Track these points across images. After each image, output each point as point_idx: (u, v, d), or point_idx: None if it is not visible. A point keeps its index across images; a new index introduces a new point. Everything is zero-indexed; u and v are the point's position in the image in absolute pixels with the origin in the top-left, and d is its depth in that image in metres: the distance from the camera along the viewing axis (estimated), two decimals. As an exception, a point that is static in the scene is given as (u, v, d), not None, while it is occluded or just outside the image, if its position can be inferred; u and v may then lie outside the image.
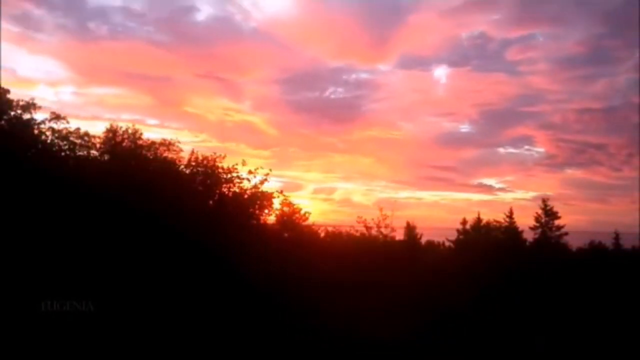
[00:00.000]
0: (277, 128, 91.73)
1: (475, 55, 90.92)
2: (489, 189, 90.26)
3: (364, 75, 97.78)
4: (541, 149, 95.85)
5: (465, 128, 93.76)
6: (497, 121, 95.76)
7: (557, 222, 35.37)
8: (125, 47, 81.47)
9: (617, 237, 36.90)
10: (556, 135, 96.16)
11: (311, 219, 30.61)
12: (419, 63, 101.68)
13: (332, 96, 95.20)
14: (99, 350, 15.17)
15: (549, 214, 35.60)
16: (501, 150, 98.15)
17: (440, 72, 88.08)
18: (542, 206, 35.81)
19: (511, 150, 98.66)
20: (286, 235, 29.47)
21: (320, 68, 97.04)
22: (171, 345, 16.27)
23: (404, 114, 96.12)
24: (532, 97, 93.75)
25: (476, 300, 22.36)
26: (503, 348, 19.26)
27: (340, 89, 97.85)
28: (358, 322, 18.98)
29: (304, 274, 22.78)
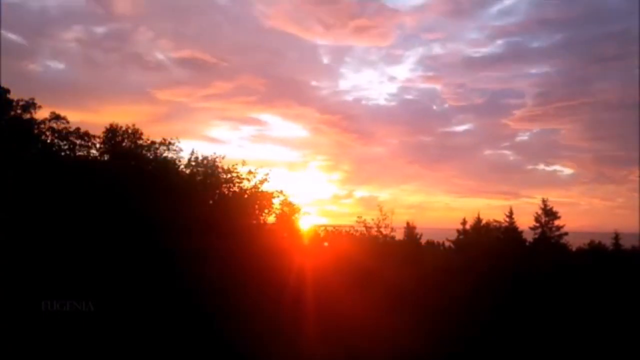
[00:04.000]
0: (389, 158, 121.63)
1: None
2: (510, 194, 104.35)
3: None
4: (570, 170, 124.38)
5: (517, 157, 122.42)
6: (541, 157, 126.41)
7: (556, 222, 35.42)
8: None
9: (617, 237, 36.82)
10: (580, 164, 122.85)
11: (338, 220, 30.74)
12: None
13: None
14: (97, 348, 15.23)
15: (549, 214, 35.56)
16: (539, 168, 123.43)
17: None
18: (542, 206, 35.84)
19: (546, 168, 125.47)
20: (285, 235, 29.49)
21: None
22: (170, 344, 16.31)
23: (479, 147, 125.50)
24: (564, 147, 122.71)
25: (475, 300, 22.36)
26: (502, 348, 19.28)
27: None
28: (355, 320, 19.03)
29: (303, 273, 22.82)
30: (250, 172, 27.95)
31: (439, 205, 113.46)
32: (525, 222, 36.30)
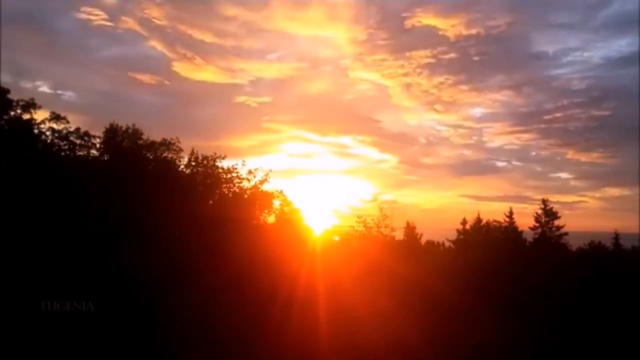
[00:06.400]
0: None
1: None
2: (522, 198, 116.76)
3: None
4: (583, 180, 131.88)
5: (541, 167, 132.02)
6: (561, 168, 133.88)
7: (557, 222, 35.29)
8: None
9: (616, 237, 36.69)
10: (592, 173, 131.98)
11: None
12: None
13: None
14: (99, 348, 15.28)
15: (549, 214, 35.43)
16: (554, 175, 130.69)
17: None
18: (542, 206, 35.71)
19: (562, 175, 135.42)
20: (285, 235, 29.49)
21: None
22: (174, 342, 16.34)
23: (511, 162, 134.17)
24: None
25: (474, 299, 22.35)
26: (503, 347, 19.28)
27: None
28: (355, 320, 19.06)
29: (303, 273, 22.84)
30: (250, 172, 27.96)
31: (454, 208, 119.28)
32: (530, 222, 36.34)
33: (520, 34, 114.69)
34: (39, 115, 26.48)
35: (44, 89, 74.41)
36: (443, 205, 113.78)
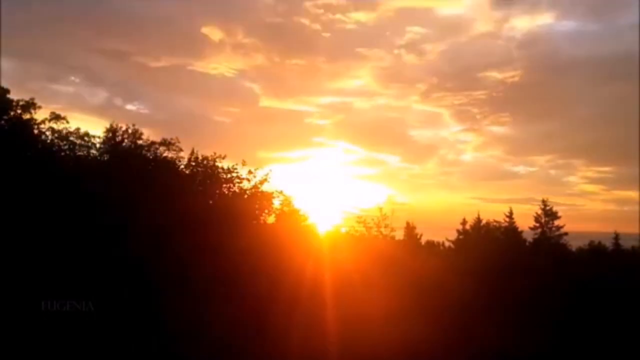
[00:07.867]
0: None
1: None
2: (529, 200, 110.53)
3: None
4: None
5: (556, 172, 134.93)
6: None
7: (556, 222, 35.30)
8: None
9: (617, 237, 36.73)
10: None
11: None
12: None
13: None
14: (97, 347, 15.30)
15: (549, 214, 35.45)
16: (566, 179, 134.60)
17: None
18: (542, 207, 35.71)
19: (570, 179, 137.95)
20: (285, 235, 29.46)
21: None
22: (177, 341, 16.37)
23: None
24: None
25: (473, 298, 22.38)
26: (501, 346, 19.32)
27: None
28: (357, 320, 19.08)
29: (303, 273, 22.84)
30: (250, 172, 27.93)
31: (463, 209, 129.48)
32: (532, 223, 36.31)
33: (557, 79, 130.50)
34: (39, 115, 26.50)
35: (145, 110, 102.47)
36: (452, 207, 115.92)
